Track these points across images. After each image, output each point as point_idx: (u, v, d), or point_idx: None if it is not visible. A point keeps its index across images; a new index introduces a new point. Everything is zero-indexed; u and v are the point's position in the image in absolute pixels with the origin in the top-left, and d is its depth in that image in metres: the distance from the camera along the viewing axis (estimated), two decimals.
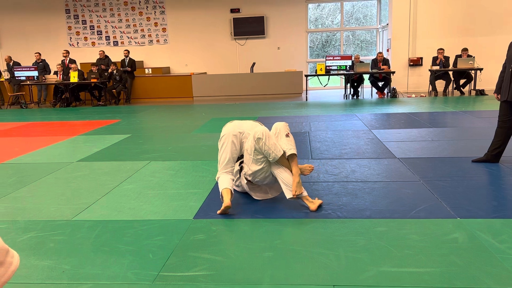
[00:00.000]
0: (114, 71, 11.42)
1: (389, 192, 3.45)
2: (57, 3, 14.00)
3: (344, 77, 11.37)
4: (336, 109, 8.78)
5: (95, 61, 12.26)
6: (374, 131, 6.09)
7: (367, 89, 11.59)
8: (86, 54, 14.02)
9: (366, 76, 11.07)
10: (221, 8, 13.55)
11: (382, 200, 3.26)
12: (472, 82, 10.56)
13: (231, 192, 3.10)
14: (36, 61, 11.94)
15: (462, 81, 10.71)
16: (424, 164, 4.25)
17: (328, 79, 11.47)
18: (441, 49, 10.66)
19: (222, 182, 3.15)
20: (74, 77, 11.08)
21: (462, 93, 10.66)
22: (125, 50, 11.96)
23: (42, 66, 11.87)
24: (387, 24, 12.40)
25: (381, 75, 10.76)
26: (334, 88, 13.89)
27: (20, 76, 11.42)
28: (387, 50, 12.34)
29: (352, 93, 10.95)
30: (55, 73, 11.83)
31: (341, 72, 10.85)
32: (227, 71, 13.63)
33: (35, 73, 11.40)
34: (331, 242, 2.56)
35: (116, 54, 13.28)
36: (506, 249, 2.40)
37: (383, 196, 3.35)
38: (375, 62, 10.83)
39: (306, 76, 11.24)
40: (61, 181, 4.11)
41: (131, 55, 12.71)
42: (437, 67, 10.60)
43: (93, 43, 14.18)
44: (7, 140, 6.48)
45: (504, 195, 3.29)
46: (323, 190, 3.56)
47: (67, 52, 12.02)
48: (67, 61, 11.85)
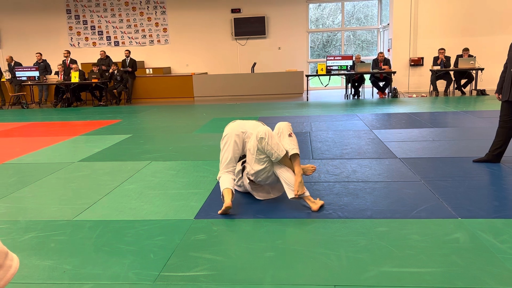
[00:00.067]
0: (115, 71, 11.43)
1: (390, 192, 3.45)
2: (58, 4, 14.02)
3: (345, 77, 11.36)
4: (337, 109, 8.77)
5: (96, 61, 12.27)
6: (375, 131, 6.09)
7: (368, 89, 11.59)
8: (87, 54, 14.03)
9: (367, 76, 11.07)
10: (222, 8, 13.55)
11: (383, 200, 3.26)
12: (473, 82, 10.55)
13: (232, 192, 3.10)
14: (37, 61, 11.95)
15: (463, 81, 10.71)
16: (425, 164, 4.25)
17: (329, 79, 11.46)
18: (442, 49, 10.65)
19: (223, 182, 3.15)
20: (75, 77, 11.09)
21: (463, 93, 10.65)
22: (126, 50, 11.97)
23: (43, 67, 11.89)
24: (388, 24, 12.40)
25: (382, 75, 10.75)
26: (335, 88, 13.89)
27: (21, 76, 11.44)
28: (388, 50, 12.34)
29: (353, 93, 10.94)
30: (56, 73, 11.84)
31: (342, 72, 10.84)
32: (228, 71, 13.63)
33: (36, 73, 11.41)
34: (332, 242, 2.56)
35: (117, 54, 13.29)
36: (507, 249, 2.39)
37: (384, 196, 3.35)
38: (376, 62, 10.82)
39: (307, 76, 11.24)
40: (62, 181, 4.11)
41: (132, 55, 12.72)
42: (438, 67, 10.59)
43: (94, 44, 14.20)
44: (8, 140, 6.49)
45: (505, 195, 3.29)
46: (324, 190, 3.56)
47: (68, 52, 12.02)
48: (68, 61, 11.86)
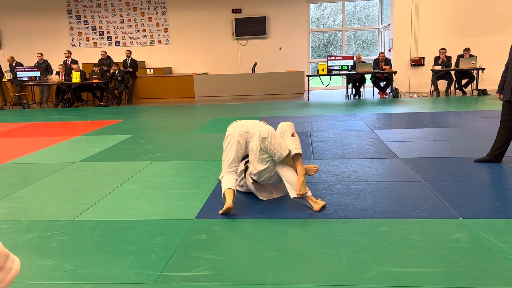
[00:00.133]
0: (116, 72, 11.43)
1: (391, 192, 3.45)
2: (59, 4, 14.03)
3: (346, 77, 11.36)
4: (338, 109, 8.77)
5: (97, 61, 12.29)
6: (376, 131, 6.08)
7: (369, 89, 11.58)
8: (88, 55, 14.05)
9: (368, 76, 11.06)
10: (223, 8, 13.55)
11: (384, 200, 3.25)
12: (474, 82, 10.53)
13: (233, 192, 3.10)
14: (38, 61, 11.97)
15: (464, 81, 10.70)
16: (426, 164, 4.24)
17: (330, 79, 11.45)
18: (443, 49, 10.64)
19: (226, 182, 3.15)
20: (76, 78, 11.10)
21: (464, 93, 10.64)
22: (127, 50, 11.98)
23: (44, 67, 11.90)
24: (389, 24, 12.39)
25: (383, 75, 10.74)
26: (336, 88, 13.88)
27: (22, 77, 11.45)
28: (389, 50, 12.33)
29: (354, 93, 10.94)
30: (57, 73, 11.85)
31: (343, 72, 10.84)
32: (229, 71, 13.64)
33: (37, 74, 11.43)
34: (333, 242, 2.56)
35: (118, 55, 13.30)
36: (508, 249, 2.39)
37: (385, 196, 3.34)
38: (377, 62, 10.82)
39: (308, 76, 11.23)
40: (63, 181, 4.11)
41: (133, 56, 12.72)
42: (439, 67, 10.58)
43: (95, 44, 14.21)
44: (9, 140, 6.50)
45: (507, 195, 3.28)
46: (325, 190, 3.56)
47: (69, 52, 12.04)
48: (69, 61, 11.87)
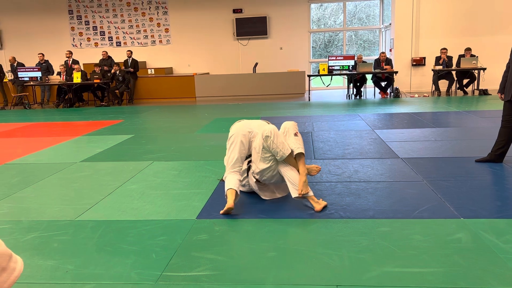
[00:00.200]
0: (117, 72, 11.44)
1: (392, 192, 3.45)
2: (60, 4, 14.05)
3: (346, 77, 11.36)
4: (339, 109, 8.77)
5: (98, 61, 12.29)
6: (377, 131, 6.08)
7: (370, 89, 11.58)
8: (89, 55, 14.06)
9: (368, 76, 11.05)
10: (224, 8, 13.56)
11: (385, 200, 3.25)
12: (475, 82, 10.52)
13: (236, 193, 3.10)
14: (39, 61, 11.98)
15: (465, 81, 10.69)
16: (427, 164, 4.24)
17: (331, 79, 11.44)
18: (444, 48, 10.63)
19: (229, 182, 3.15)
20: (77, 78, 11.11)
21: (465, 93, 10.63)
22: (128, 50, 11.98)
23: (45, 67, 11.91)
24: (390, 24, 12.38)
25: (384, 75, 10.74)
26: (336, 88, 13.88)
27: (23, 77, 11.47)
28: (390, 50, 12.33)
29: (354, 93, 10.94)
30: (58, 73, 11.87)
31: (344, 72, 10.83)
32: (230, 71, 13.64)
33: (38, 74, 11.44)
34: (335, 242, 2.56)
35: (119, 55, 13.30)
36: (510, 249, 2.39)
37: (386, 196, 3.34)
38: (377, 62, 10.81)
39: (309, 76, 11.23)
40: (64, 182, 4.12)
41: (134, 56, 12.72)
42: (440, 67, 10.57)
43: (96, 44, 14.22)
44: (11, 140, 6.51)
45: (508, 195, 3.28)
46: (326, 190, 3.56)
47: (70, 52, 12.05)
48: (70, 61, 11.88)
